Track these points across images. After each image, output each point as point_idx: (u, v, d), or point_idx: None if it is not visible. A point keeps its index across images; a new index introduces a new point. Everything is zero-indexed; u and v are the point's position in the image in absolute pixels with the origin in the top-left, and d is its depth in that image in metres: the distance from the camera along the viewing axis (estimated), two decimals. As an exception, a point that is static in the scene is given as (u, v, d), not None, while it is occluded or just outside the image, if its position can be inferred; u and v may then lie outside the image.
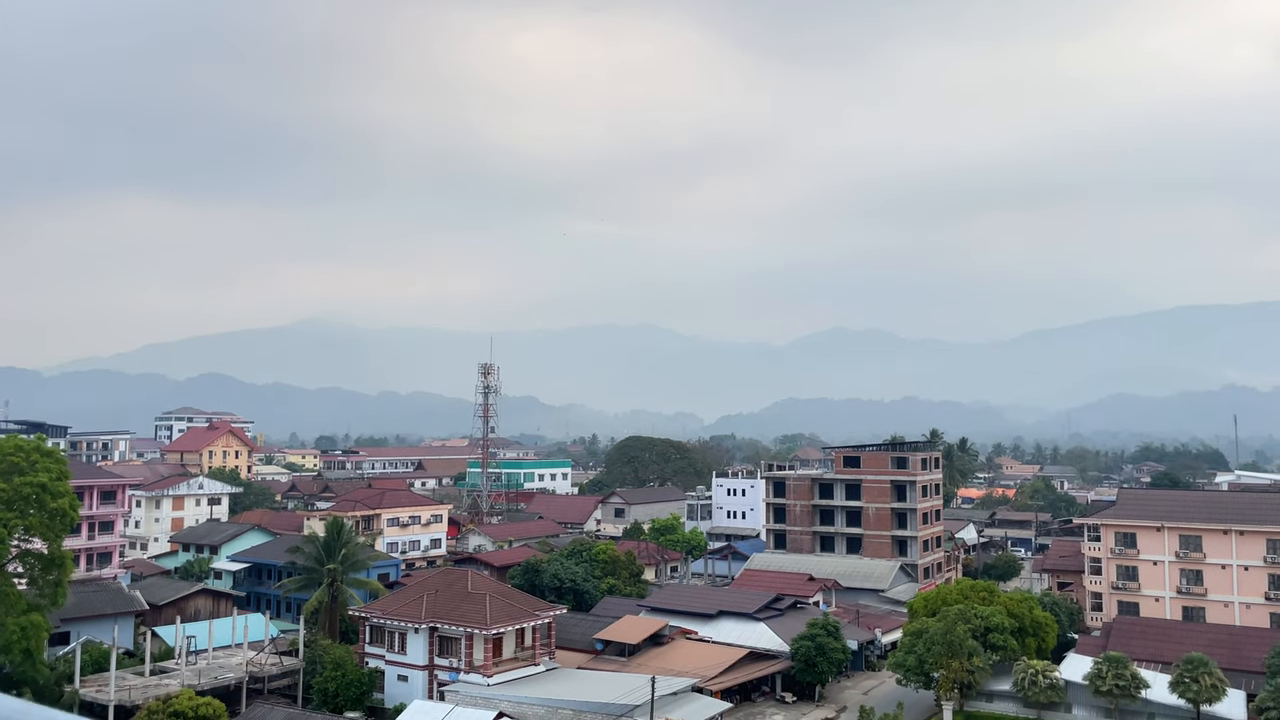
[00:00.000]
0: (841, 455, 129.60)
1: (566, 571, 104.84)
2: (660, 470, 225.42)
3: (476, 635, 72.20)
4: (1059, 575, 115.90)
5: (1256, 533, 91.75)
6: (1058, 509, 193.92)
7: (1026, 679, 69.90)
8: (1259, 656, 72.52)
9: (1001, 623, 75.14)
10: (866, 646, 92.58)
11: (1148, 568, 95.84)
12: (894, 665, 75.57)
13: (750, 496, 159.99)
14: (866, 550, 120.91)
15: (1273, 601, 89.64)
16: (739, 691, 79.47)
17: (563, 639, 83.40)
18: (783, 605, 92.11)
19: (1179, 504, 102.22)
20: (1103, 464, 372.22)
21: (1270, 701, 63.22)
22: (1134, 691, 67.35)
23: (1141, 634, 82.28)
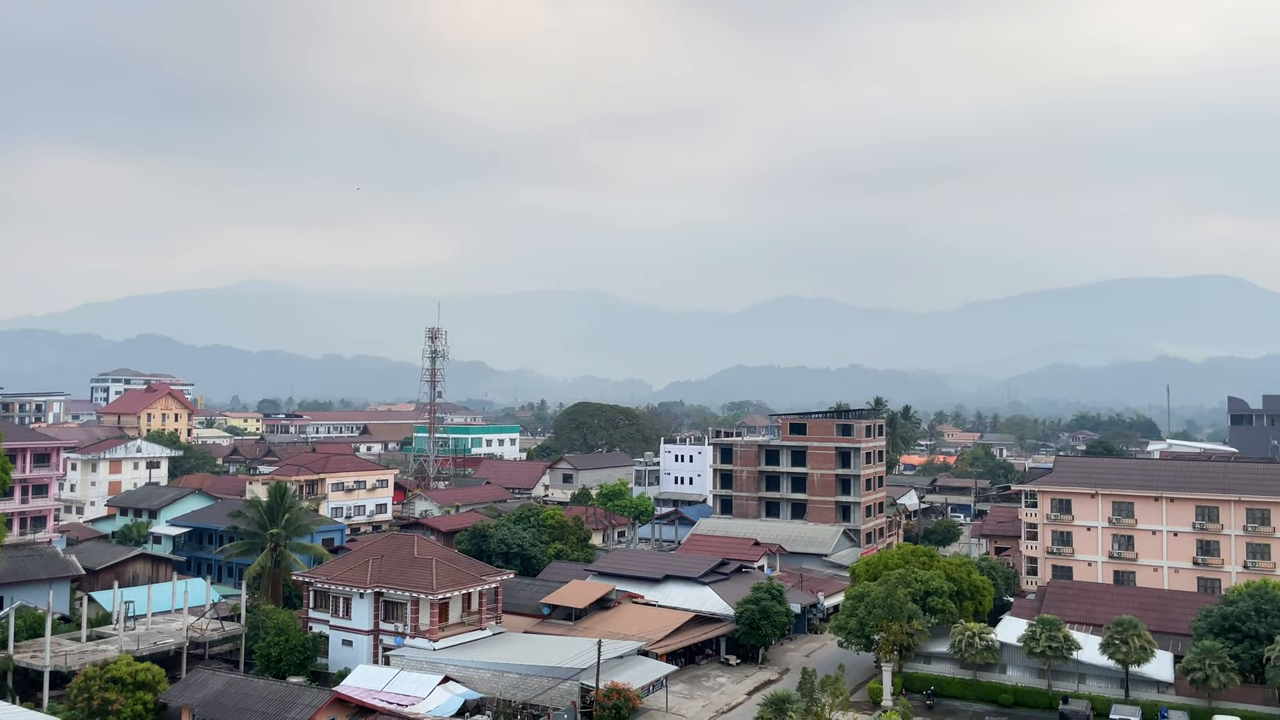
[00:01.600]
0: (788, 422, 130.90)
1: (514, 537, 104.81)
2: (609, 436, 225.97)
3: (423, 600, 71.98)
4: (997, 540, 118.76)
5: (1186, 500, 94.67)
6: (996, 476, 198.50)
7: (964, 641, 71.61)
8: (1186, 619, 75.10)
9: (941, 586, 76.81)
10: (809, 610, 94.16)
11: (1082, 533, 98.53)
12: (836, 628, 76.97)
13: (698, 463, 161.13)
14: (811, 516, 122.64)
15: (1200, 566, 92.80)
16: (684, 654, 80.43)
17: (510, 604, 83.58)
18: (728, 570, 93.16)
19: (1113, 472, 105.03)
20: (1040, 432, 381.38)
21: (1196, 663, 65.56)
22: (1066, 653, 69.39)
23: (1074, 597, 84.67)
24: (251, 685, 63.38)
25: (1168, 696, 68.28)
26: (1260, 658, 65.97)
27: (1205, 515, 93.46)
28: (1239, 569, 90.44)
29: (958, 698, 72.26)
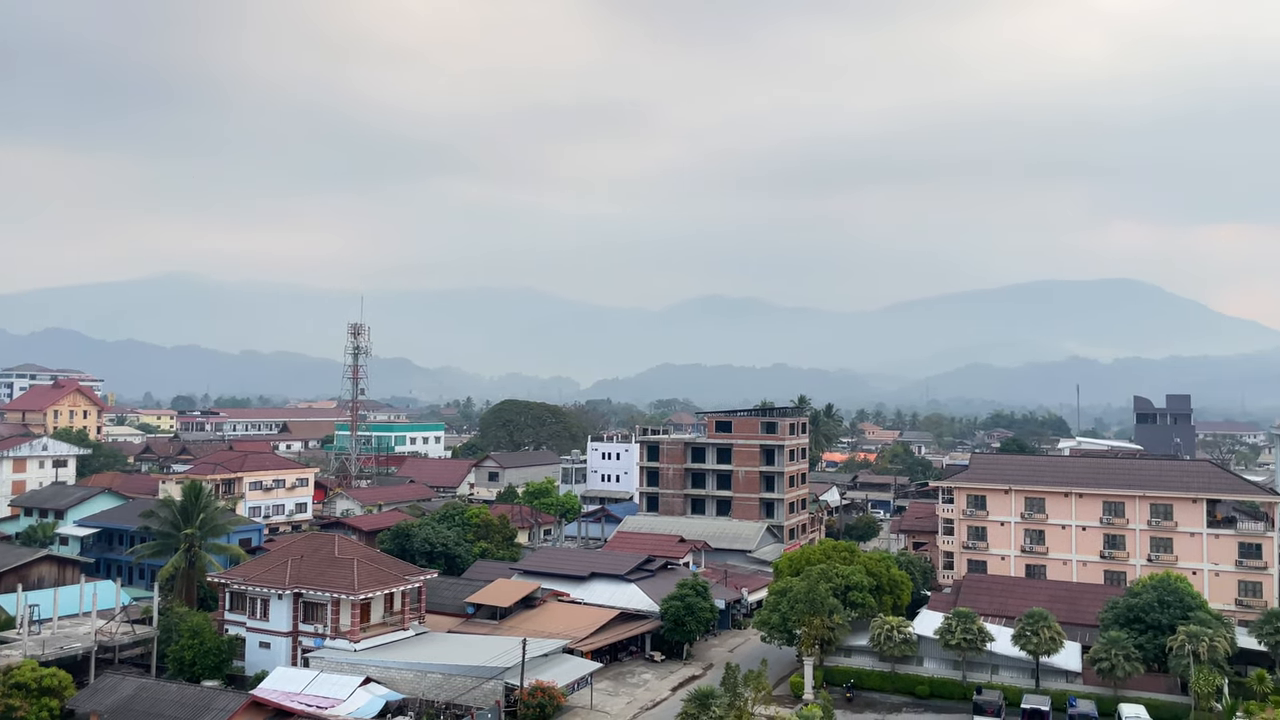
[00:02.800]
0: (714, 420, 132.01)
1: (438, 536, 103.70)
2: (536, 434, 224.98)
3: (343, 600, 70.78)
4: (915, 535, 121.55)
5: (1094, 495, 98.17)
6: (915, 472, 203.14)
7: (883, 634, 73.12)
8: (1093, 611, 77.87)
9: (861, 581, 78.34)
10: (733, 605, 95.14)
11: (996, 528, 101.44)
12: (759, 623, 77.91)
13: (624, 460, 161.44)
14: (736, 512, 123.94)
15: (1107, 560, 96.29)
16: (609, 651, 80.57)
17: (433, 603, 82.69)
18: (654, 566, 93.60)
19: (1025, 468, 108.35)
20: (957, 430, 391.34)
21: (1102, 653, 68.04)
22: (980, 645, 71.36)
23: (988, 590, 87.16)
24: (164, 690, 61.59)
25: (1076, 686, 70.71)
26: (1163, 647, 68.71)
27: (1112, 510, 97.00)
28: (1143, 562, 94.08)
29: (876, 690, 73.77)
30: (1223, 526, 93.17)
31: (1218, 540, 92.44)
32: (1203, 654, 65.45)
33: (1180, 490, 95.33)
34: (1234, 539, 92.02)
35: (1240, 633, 75.28)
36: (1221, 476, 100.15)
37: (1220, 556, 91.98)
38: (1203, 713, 64.55)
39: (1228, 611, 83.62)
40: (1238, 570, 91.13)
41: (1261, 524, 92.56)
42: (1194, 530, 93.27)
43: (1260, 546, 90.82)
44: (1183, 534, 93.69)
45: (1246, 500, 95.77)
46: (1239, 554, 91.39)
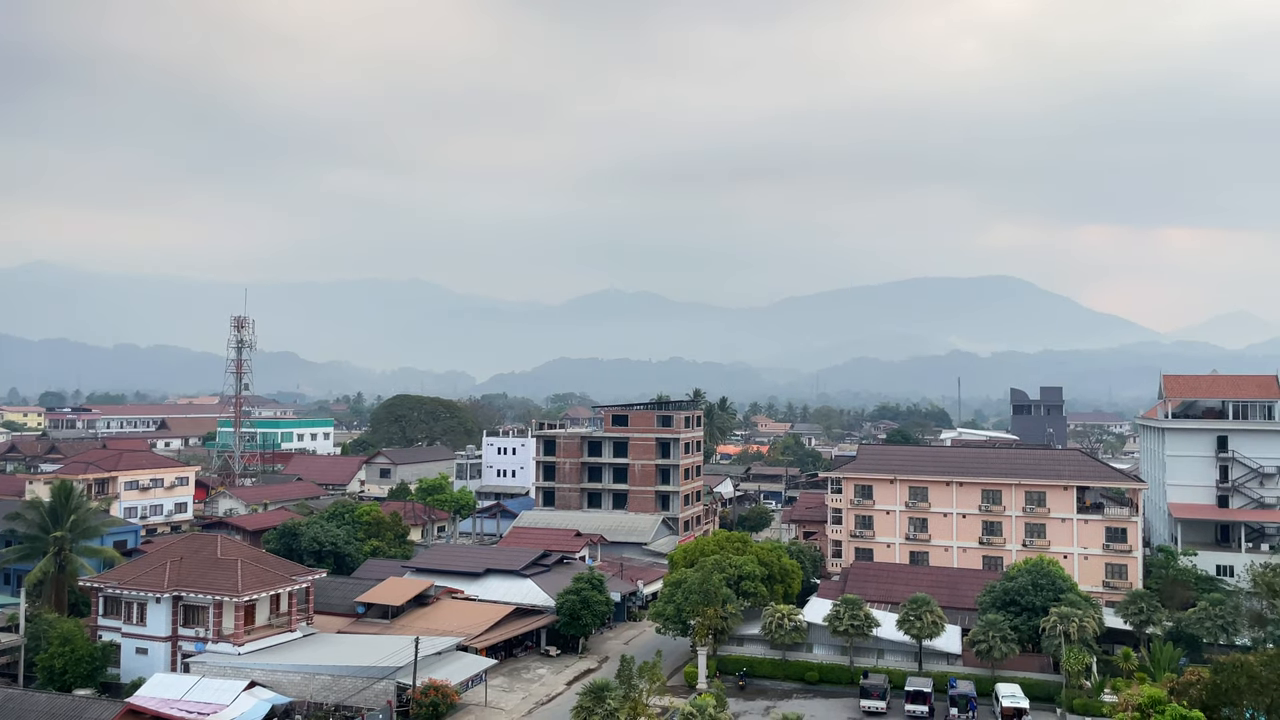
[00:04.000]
0: (610, 414, 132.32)
1: (327, 534, 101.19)
2: (429, 429, 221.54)
3: (226, 603, 68.41)
4: (805, 525, 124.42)
5: (973, 484, 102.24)
6: (805, 464, 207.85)
7: (774, 622, 74.64)
8: (973, 595, 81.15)
9: (753, 571, 79.79)
10: (629, 598, 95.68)
11: (882, 517, 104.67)
12: (654, 615, 78.56)
13: (520, 455, 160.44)
14: (632, 505, 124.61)
15: (985, 546, 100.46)
16: (505, 648, 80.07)
17: (322, 604, 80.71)
18: (550, 561, 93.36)
19: (909, 459, 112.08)
20: (846, 422, 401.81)
21: (981, 635, 70.98)
22: (867, 630, 73.57)
23: (874, 577, 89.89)
24: (32, 700, 58.36)
25: (956, 668, 73.56)
26: (1037, 629, 72.06)
27: (990, 498, 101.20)
28: (1019, 547, 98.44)
29: (768, 677, 75.25)
30: (1091, 512, 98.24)
31: (1087, 525, 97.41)
32: (1073, 634, 68.89)
33: (1053, 478, 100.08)
34: (1101, 524, 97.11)
35: (1108, 613, 79.63)
36: (1090, 465, 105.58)
37: (1089, 541, 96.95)
38: (1073, 690, 67.98)
39: (1096, 593, 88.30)
40: (1105, 553, 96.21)
41: (1126, 509, 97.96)
42: (1065, 516, 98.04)
43: (1125, 530, 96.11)
44: (1055, 520, 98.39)
45: (1113, 487, 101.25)
46: (1106, 538, 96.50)
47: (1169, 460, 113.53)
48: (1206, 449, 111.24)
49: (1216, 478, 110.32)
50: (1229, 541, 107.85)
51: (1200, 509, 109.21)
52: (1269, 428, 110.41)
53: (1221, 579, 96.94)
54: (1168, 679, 54.59)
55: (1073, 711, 66.77)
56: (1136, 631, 77.34)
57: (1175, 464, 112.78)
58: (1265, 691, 46.83)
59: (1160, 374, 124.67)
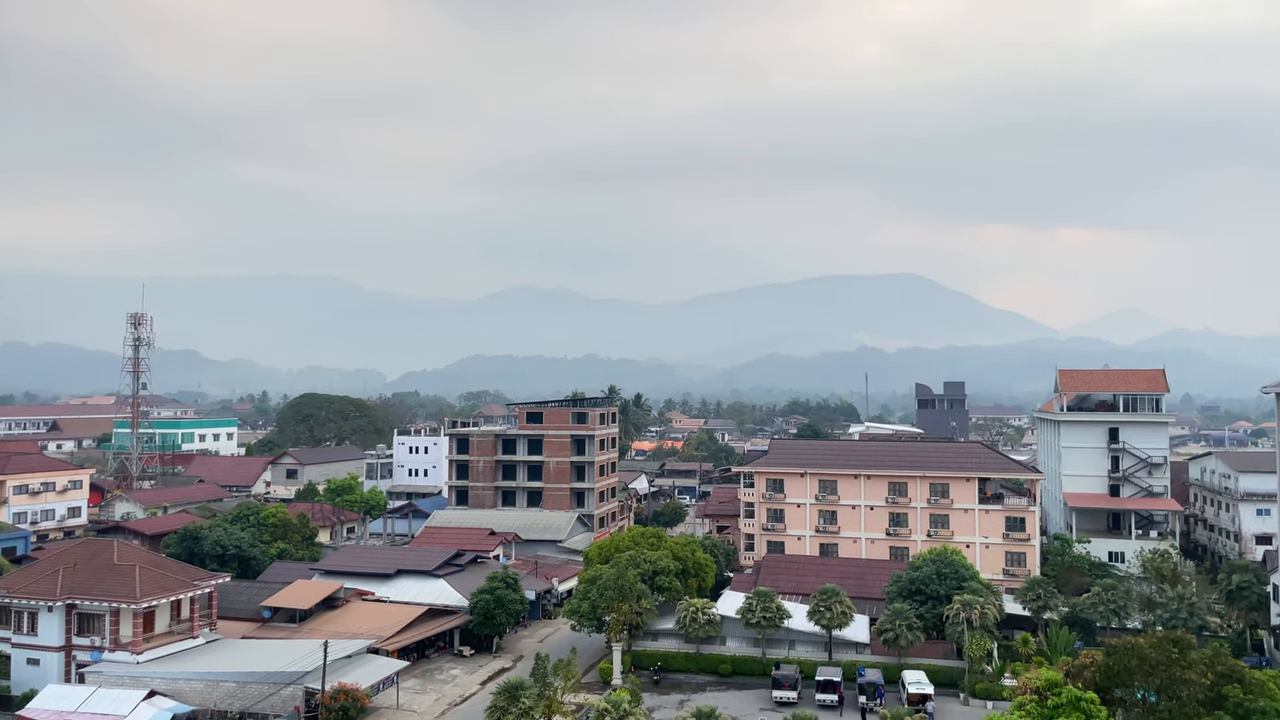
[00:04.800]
0: (525, 411, 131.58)
1: (230, 537, 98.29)
2: (338, 429, 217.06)
3: (124, 610, 65.89)
4: (719, 519, 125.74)
5: (880, 476, 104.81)
6: (719, 459, 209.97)
7: (688, 616, 75.27)
8: (880, 585, 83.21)
9: (668, 566, 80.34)
10: (544, 596, 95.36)
11: (793, 510, 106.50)
12: (569, 612, 78.47)
13: (433, 454, 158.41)
14: (547, 503, 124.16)
15: (892, 537, 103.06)
16: (417, 649, 78.99)
17: (226, 609, 78.41)
18: (463, 561, 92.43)
19: (819, 452, 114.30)
20: (758, 417, 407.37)
21: (888, 624, 72.81)
22: (779, 622, 74.79)
23: (786, 570, 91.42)
24: (-91, 720, 55.37)
25: (864, 656, 75.31)
26: (941, 616, 74.30)
27: (896, 490, 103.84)
28: (924, 538, 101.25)
29: (683, 671, 75.87)
30: (992, 503, 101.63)
31: (988, 515, 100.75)
32: (975, 621, 71.21)
33: (955, 470, 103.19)
34: (1001, 514, 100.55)
35: (1007, 600, 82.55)
36: (991, 457, 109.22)
37: (990, 530, 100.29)
38: (975, 675, 70.27)
39: (997, 581, 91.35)
40: (1005, 542, 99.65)
41: (1025, 499, 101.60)
42: (967, 507, 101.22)
43: (1024, 520, 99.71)
44: (958, 510, 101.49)
45: (1012, 478, 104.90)
46: (1006, 527, 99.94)
47: (1064, 452, 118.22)
48: (1099, 440, 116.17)
49: (1108, 468, 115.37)
50: (1120, 529, 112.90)
51: (1093, 498, 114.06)
52: (1156, 420, 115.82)
53: (1113, 565, 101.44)
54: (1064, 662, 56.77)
55: (975, 695, 69.02)
56: (1034, 617, 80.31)
57: (1070, 455, 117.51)
58: (1154, 672, 49.12)
59: (1056, 369, 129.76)
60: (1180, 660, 48.91)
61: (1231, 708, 46.13)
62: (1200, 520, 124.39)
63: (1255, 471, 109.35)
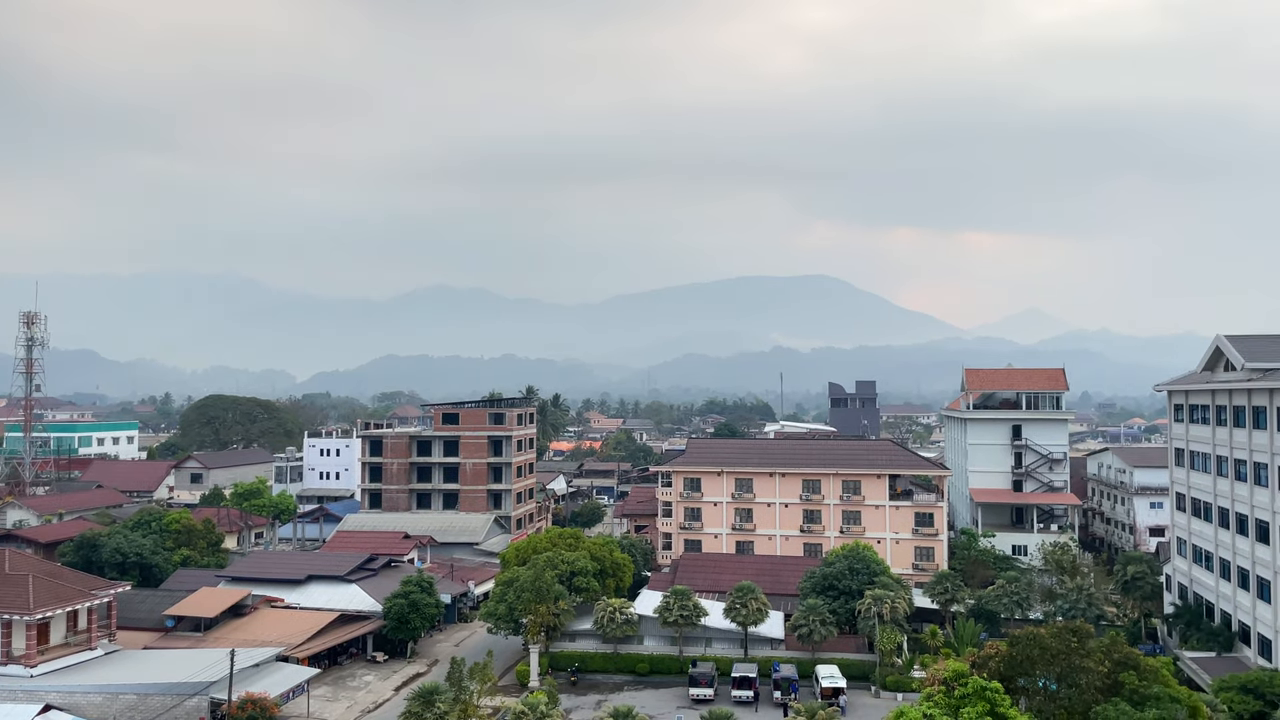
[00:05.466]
0: (441, 412, 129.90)
1: (131, 545, 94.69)
2: (245, 431, 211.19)
3: (16, 621, 62.87)
4: (637, 519, 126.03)
5: (795, 474, 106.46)
6: (637, 458, 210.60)
7: (605, 617, 75.26)
8: (795, 581, 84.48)
9: (585, 566, 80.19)
10: (460, 599, 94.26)
11: (710, 508, 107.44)
12: (485, 615, 77.72)
13: (345, 456, 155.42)
14: (463, 505, 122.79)
15: (806, 533, 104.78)
16: (328, 656, 77.27)
17: (127, 619, 75.50)
18: (376, 565, 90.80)
19: (736, 451, 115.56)
20: (676, 416, 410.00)
21: (802, 619, 73.97)
22: (695, 620, 75.32)
23: (703, 568, 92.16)
24: None
25: (780, 652, 76.36)
26: (853, 611, 75.74)
27: (810, 487, 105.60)
28: (837, 534, 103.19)
29: (600, 671, 75.80)
30: (902, 499, 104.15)
31: (898, 511, 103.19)
32: (886, 615, 72.83)
33: (867, 467, 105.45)
34: (911, 509, 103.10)
35: (917, 593, 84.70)
36: (901, 454, 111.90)
37: (900, 526, 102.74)
38: (886, 668, 71.88)
39: (907, 575, 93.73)
40: (914, 537, 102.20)
41: (933, 495, 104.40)
42: (879, 503, 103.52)
43: (932, 515, 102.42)
44: (869, 507, 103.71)
45: (921, 475, 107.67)
46: (915, 523, 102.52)
47: (970, 448, 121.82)
48: (1003, 438, 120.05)
49: (1012, 464, 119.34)
50: (1023, 523, 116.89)
51: (998, 493, 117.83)
52: (1057, 417, 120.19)
53: (1017, 558, 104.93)
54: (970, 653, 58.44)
55: (886, 688, 70.59)
56: (942, 610, 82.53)
57: (976, 452, 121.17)
58: (1055, 661, 50.93)
59: (962, 368, 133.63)
60: (1079, 649, 50.77)
61: (1127, 694, 48.05)
62: (1098, 514, 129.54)
63: (1148, 466, 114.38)
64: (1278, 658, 61.83)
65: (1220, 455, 72.07)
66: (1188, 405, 79.09)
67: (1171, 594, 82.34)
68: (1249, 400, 66.50)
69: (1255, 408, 65.72)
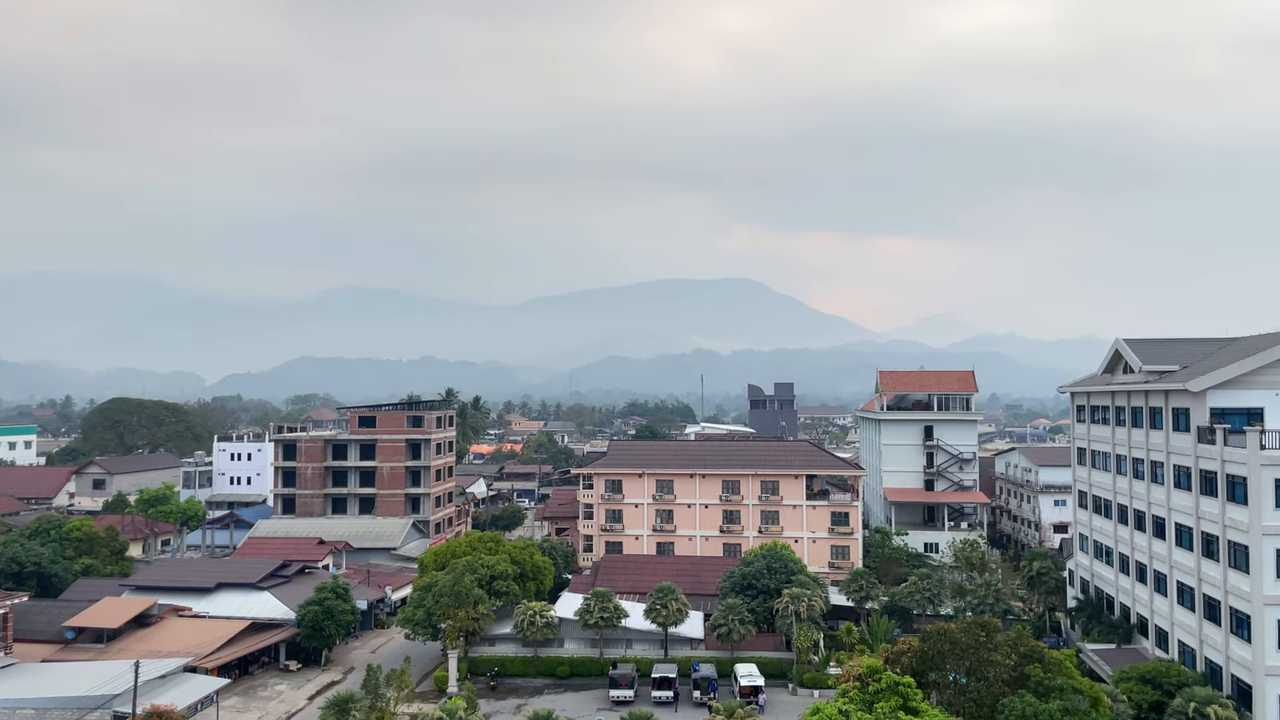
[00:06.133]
0: (357, 415, 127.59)
1: (28, 553, 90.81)
2: (151, 436, 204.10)
3: (-100, 638, 59.72)
4: (558, 521, 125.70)
5: (715, 475, 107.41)
6: (559, 461, 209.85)
7: (525, 620, 74.84)
8: (715, 581, 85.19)
9: (506, 570, 79.62)
10: (377, 605, 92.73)
11: (631, 510, 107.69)
12: (403, 620, 76.58)
13: (257, 461, 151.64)
14: (380, 509, 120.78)
15: (725, 534, 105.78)
16: (239, 665, 75.23)
17: (24, 630, 72.35)
18: (290, 572, 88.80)
19: (657, 453, 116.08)
20: (598, 418, 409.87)
21: (721, 619, 74.66)
22: (616, 621, 75.39)
23: (624, 569, 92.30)
24: None
25: (699, 652, 76.92)
26: (772, 610, 76.75)
27: (730, 488, 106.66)
28: (755, 534, 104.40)
29: (521, 675, 75.34)
30: (819, 499, 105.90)
31: (815, 510, 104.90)
32: (803, 613, 73.97)
33: (785, 468, 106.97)
34: (827, 509, 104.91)
35: (833, 591, 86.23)
36: (818, 455, 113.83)
37: (817, 525, 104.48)
38: (803, 665, 73.01)
39: (823, 573, 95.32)
40: (831, 536, 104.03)
41: (849, 495, 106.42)
42: (796, 503, 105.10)
43: (848, 514, 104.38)
44: (787, 506, 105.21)
45: (837, 475, 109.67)
46: (831, 522, 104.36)
47: (884, 449, 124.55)
48: (915, 438, 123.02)
49: (924, 464, 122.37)
50: (935, 521, 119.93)
51: (910, 492, 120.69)
52: (966, 418, 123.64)
53: (929, 555, 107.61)
54: (883, 649, 59.73)
55: (803, 685, 71.69)
56: (858, 607, 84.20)
57: (890, 452, 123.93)
58: (964, 655, 52.42)
59: (877, 370, 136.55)
60: (987, 643, 52.35)
61: (1033, 686, 49.71)
62: (1005, 511, 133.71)
63: (1053, 465, 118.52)
64: (1174, 648, 64.68)
65: (1119, 454, 75.09)
66: (1089, 406, 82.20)
67: (1074, 588, 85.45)
68: (1146, 401, 69.43)
69: (1152, 408, 68.65)
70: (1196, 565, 61.27)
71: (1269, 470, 54.00)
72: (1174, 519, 65.03)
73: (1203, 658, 60.39)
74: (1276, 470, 53.96)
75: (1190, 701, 52.62)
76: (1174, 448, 64.62)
